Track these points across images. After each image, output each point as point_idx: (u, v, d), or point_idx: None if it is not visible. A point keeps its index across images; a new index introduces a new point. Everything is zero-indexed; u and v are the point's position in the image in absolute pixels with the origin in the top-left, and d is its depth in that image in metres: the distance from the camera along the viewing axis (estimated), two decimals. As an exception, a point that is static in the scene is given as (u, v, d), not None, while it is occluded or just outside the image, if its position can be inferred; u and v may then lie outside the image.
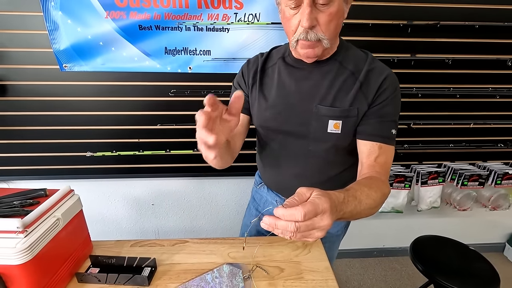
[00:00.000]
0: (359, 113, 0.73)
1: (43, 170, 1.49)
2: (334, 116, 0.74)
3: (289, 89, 0.78)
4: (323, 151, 0.79)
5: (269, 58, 0.84)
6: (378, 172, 0.70)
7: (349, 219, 0.61)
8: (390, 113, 0.73)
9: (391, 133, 0.74)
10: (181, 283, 0.70)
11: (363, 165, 0.73)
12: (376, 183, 0.65)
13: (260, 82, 0.82)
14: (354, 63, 0.75)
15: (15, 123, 1.39)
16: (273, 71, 0.81)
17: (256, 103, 0.82)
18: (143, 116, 1.42)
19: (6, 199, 0.66)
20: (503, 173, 1.57)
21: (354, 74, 0.74)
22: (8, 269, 0.56)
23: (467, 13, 1.32)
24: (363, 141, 0.74)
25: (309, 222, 0.45)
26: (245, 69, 0.86)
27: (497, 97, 1.45)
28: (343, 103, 0.73)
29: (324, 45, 0.68)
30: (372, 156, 0.72)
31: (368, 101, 0.72)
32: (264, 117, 0.82)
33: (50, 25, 1.23)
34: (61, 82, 1.33)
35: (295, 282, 0.72)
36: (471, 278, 1.17)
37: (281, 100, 0.79)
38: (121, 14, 1.23)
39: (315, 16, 0.63)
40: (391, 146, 0.74)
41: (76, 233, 0.73)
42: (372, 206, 0.60)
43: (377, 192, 0.62)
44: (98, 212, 1.66)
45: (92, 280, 0.70)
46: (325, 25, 0.65)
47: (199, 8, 1.25)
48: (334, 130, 0.75)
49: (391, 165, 0.76)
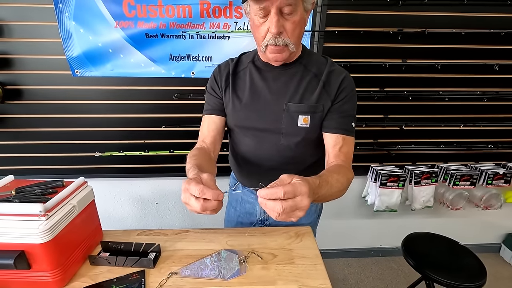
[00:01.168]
0: (324, 109, 0.83)
1: (55, 169, 1.58)
2: (303, 112, 0.83)
3: (261, 89, 0.86)
4: (294, 145, 0.87)
5: (239, 62, 0.92)
6: (343, 160, 0.81)
7: (322, 201, 0.72)
8: (349, 109, 0.84)
9: (351, 126, 0.85)
10: (182, 266, 0.77)
11: (330, 154, 0.84)
12: (343, 170, 0.77)
13: (232, 85, 0.89)
14: (316, 66, 0.85)
15: (31, 125, 1.49)
16: (245, 73, 0.89)
17: (230, 104, 0.89)
18: (148, 118, 1.51)
19: (29, 188, 0.74)
20: (494, 173, 1.63)
21: (317, 76, 0.84)
22: (31, 247, 0.64)
23: (454, 21, 1.41)
24: (329, 134, 0.84)
25: (293, 203, 0.54)
26: (217, 74, 0.92)
27: (485, 100, 1.52)
28: (310, 100, 0.83)
29: (290, 49, 0.77)
30: (337, 147, 0.83)
31: (331, 98, 0.83)
32: (239, 116, 0.89)
33: (64, 34, 1.33)
34: (73, 87, 1.43)
35: (286, 266, 0.79)
36: (459, 272, 1.22)
37: (254, 100, 0.87)
38: (129, 23, 1.33)
39: (282, 23, 0.72)
40: (352, 137, 0.85)
41: (89, 220, 0.81)
42: (340, 189, 0.73)
43: (343, 177, 0.74)
44: (105, 210, 1.75)
45: (103, 263, 0.77)
46: (291, 31, 0.74)
47: (201, 18, 1.35)
48: (303, 124, 0.84)
49: (353, 154, 0.88)
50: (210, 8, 1.33)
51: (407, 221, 1.92)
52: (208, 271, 0.75)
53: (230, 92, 0.89)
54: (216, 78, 0.92)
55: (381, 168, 1.65)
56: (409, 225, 1.95)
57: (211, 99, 0.93)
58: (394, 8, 1.38)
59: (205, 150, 0.87)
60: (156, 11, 1.32)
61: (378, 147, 1.62)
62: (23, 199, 0.69)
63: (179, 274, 0.75)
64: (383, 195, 1.64)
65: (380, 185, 1.61)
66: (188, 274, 0.75)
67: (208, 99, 0.94)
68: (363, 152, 1.64)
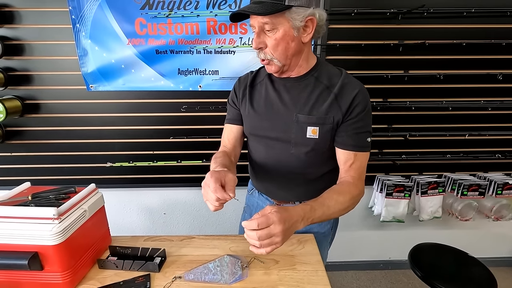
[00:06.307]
0: (334, 121, 0.84)
1: (69, 180, 1.64)
2: (311, 123, 0.85)
3: (274, 101, 0.90)
4: (304, 155, 0.90)
5: (257, 75, 0.98)
6: (352, 176, 0.85)
7: (322, 221, 0.78)
8: (364, 125, 0.85)
9: (366, 141, 0.86)
10: (186, 271, 0.80)
11: (341, 169, 0.88)
12: (347, 188, 0.82)
13: (249, 96, 0.95)
14: (328, 78, 0.86)
15: (47, 137, 1.56)
16: (261, 86, 0.94)
17: (246, 113, 0.95)
18: (157, 130, 1.57)
19: (44, 194, 0.79)
20: (503, 183, 1.60)
21: (329, 88, 0.85)
22: (45, 248, 0.68)
23: (454, 32, 1.44)
24: (341, 150, 0.87)
25: (266, 231, 0.64)
26: (237, 86, 1.00)
27: (489, 109, 1.52)
28: (319, 111, 0.84)
29: (276, 63, 0.81)
30: (348, 163, 0.86)
31: (342, 111, 0.83)
32: (253, 125, 0.95)
33: (80, 52, 1.42)
34: (87, 101, 1.51)
35: (288, 271, 0.80)
36: (469, 283, 1.20)
37: (268, 110, 0.91)
38: (140, 41, 1.41)
39: (263, 40, 0.79)
40: (366, 152, 0.87)
41: (99, 224, 0.85)
42: (341, 209, 0.79)
43: (345, 197, 0.80)
44: (115, 219, 1.79)
45: (110, 266, 0.80)
46: (272, 47, 0.79)
47: (208, 34, 1.42)
48: (312, 136, 0.86)
49: (366, 168, 0.90)
50: (216, 25, 1.40)
51: (416, 232, 1.89)
52: (211, 275, 0.77)
53: (247, 102, 0.95)
54: (235, 90, 1.00)
55: (387, 178, 1.65)
56: (418, 236, 1.91)
57: (230, 109, 1.02)
58: (394, 21, 1.42)
59: (227, 153, 0.96)
60: (165, 29, 1.40)
61: (383, 157, 1.62)
62: (38, 204, 0.74)
63: (183, 278, 0.77)
64: (389, 205, 1.63)
65: (386, 195, 1.60)
66: (192, 278, 0.77)
67: (228, 109, 1.04)
68: (368, 162, 1.64)
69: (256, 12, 0.74)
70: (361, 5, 1.39)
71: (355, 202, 0.83)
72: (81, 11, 1.36)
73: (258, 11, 0.73)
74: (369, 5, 1.39)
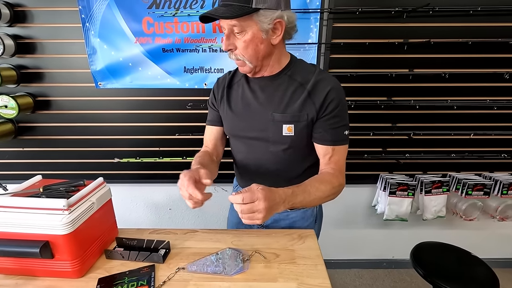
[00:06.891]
0: (309, 118, 0.85)
1: (78, 175, 1.69)
2: (286, 121, 0.86)
3: (250, 101, 0.92)
4: (282, 152, 0.91)
5: (235, 75, 0.99)
6: (332, 168, 0.88)
7: (303, 206, 0.84)
8: (340, 120, 0.86)
9: (344, 134, 0.88)
10: (189, 262, 0.82)
11: (321, 162, 0.91)
12: (328, 177, 0.85)
13: (227, 97, 0.96)
14: (301, 75, 0.87)
15: (57, 133, 1.61)
16: (239, 86, 0.96)
17: (225, 115, 0.97)
18: (163, 127, 1.61)
19: (55, 186, 0.82)
20: (509, 183, 1.59)
21: (303, 85, 0.86)
22: (55, 238, 0.71)
23: (459, 31, 1.43)
24: (319, 145, 0.89)
25: (249, 206, 0.68)
26: (215, 88, 1.01)
27: (495, 109, 1.51)
28: (293, 109, 0.86)
29: (247, 64, 0.82)
30: (327, 156, 0.89)
31: (316, 108, 0.84)
32: (232, 126, 0.97)
33: (89, 50, 1.46)
34: (96, 98, 1.55)
35: (288, 265, 0.82)
36: (471, 282, 1.20)
37: (245, 110, 0.93)
38: (147, 39, 1.45)
39: (232, 42, 0.80)
40: (343, 145, 0.89)
41: (106, 216, 0.88)
42: (322, 197, 0.82)
43: (326, 185, 0.83)
44: (122, 214, 1.83)
45: (117, 256, 0.83)
46: (241, 49, 0.80)
47: (213, 33, 1.44)
48: (288, 133, 0.88)
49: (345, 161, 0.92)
50: (222, 24, 1.43)
51: (419, 231, 1.88)
52: (213, 267, 0.80)
53: (225, 104, 0.96)
54: (214, 92, 1.02)
55: (390, 176, 1.65)
56: (421, 235, 1.90)
57: (210, 111, 1.05)
58: (399, 20, 1.42)
59: (208, 153, 1.00)
60: (172, 27, 1.43)
61: (387, 156, 1.62)
62: (49, 195, 0.77)
63: (186, 269, 0.80)
64: (392, 204, 1.63)
65: (389, 194, 1.61)
66: (195, 269, 0.80)
67: (209, 111, 1.06)
68: (371, 161, 1.64)
69: (223, 16, 0.74)
70: (366, 4, 1.39)
71: (336, 192, 0.86)
72: (91, 11, 1.40)
73: (225, 15, 0.74)
74: (374, 3, 1.40)
